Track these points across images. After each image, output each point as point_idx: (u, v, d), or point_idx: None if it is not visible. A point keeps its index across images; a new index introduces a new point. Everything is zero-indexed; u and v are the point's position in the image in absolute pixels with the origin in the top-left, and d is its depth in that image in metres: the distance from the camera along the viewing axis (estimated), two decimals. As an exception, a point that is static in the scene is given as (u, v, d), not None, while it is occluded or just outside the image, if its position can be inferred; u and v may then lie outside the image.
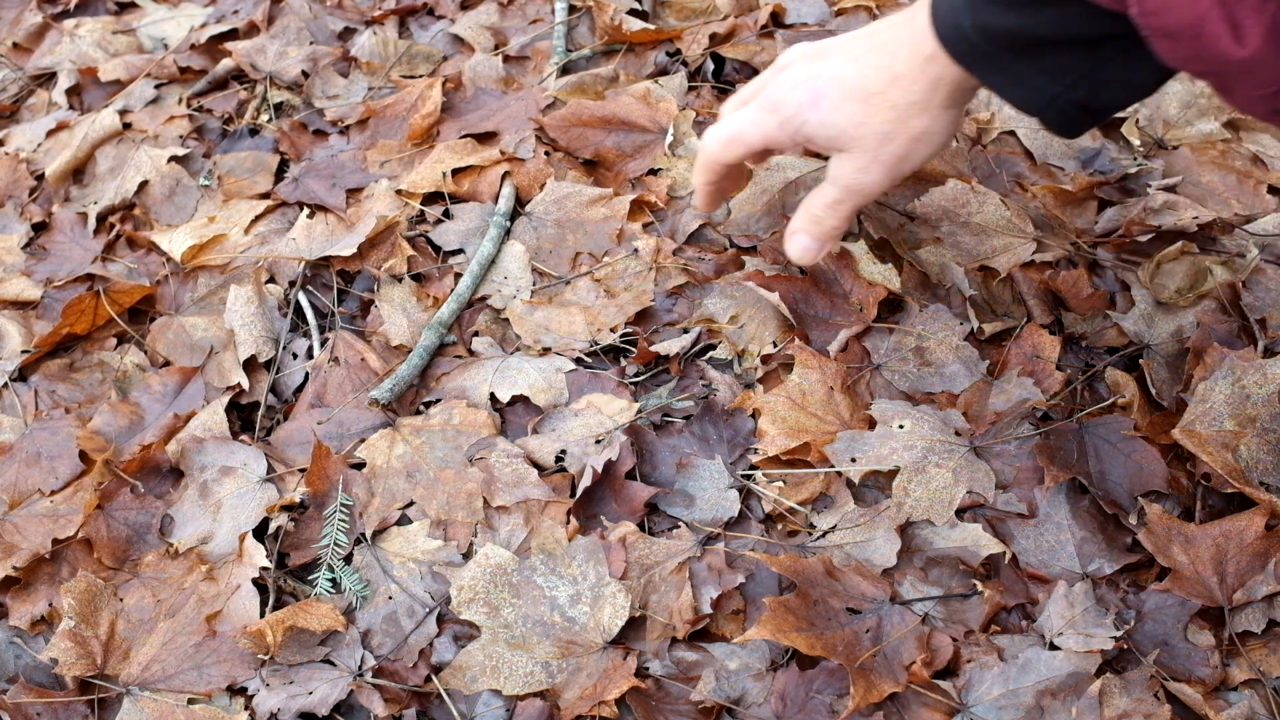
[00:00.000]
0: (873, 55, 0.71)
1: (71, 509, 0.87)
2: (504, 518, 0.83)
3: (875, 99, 0.70)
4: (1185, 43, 0.52)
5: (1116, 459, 0.82)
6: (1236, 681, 0.72)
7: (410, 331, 0.97)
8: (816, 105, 0.72)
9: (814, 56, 0.75)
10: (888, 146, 0.72)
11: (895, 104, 0.70)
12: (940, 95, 0.69)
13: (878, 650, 0.72)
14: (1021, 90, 0.66)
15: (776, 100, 0.75)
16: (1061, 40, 0.61)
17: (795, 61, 0.76)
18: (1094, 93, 0.64)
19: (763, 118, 0.76)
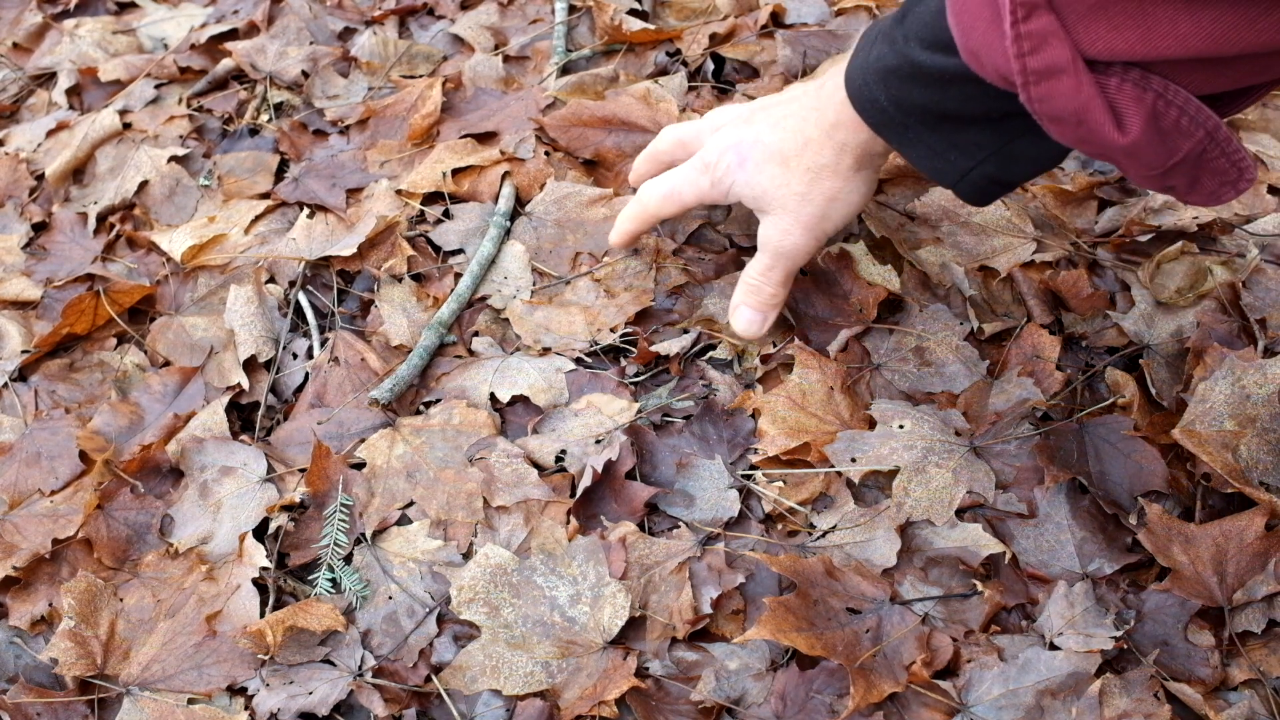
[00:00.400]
0: (789, 121, 0.77)
1: (71, 509, 0.87)
2: (504, 518, 0.83)
3: (792, 161, 0.76)
4: (1071, 128, 0.55)
5: (1116, 459, 0.82)
6: (1236, 681, 0.72)
7: (410, 331, 0.97)
8: (743, 166, 0.78)
9: (744, 120, 0.81)
10: (806, 207, 0.77)
11: (809, 167, 0.76)
12: (848, 159, 0.75)
13: (878, 650, 0.73)
14: (935, 162, 0.69)
15: (709, 161, 0.81)
16: (969, 116, 0.65)
17: (728, 124, 0.82)
18: (1004, 167, 0.68)
19: (697, 178, 0.82)
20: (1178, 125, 0.55)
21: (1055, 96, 0.54)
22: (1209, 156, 0.57)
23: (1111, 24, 0.51)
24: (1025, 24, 0.52)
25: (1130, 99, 0.53)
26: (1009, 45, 0.53)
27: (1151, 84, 0.53)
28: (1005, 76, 0.56)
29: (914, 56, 0.64)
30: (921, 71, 0.63)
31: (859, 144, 0.74)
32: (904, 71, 0.65)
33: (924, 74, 0.63)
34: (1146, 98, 0.53)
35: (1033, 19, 0.52)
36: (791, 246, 0.80)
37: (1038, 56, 0.53)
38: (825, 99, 0.74)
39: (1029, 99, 0.55)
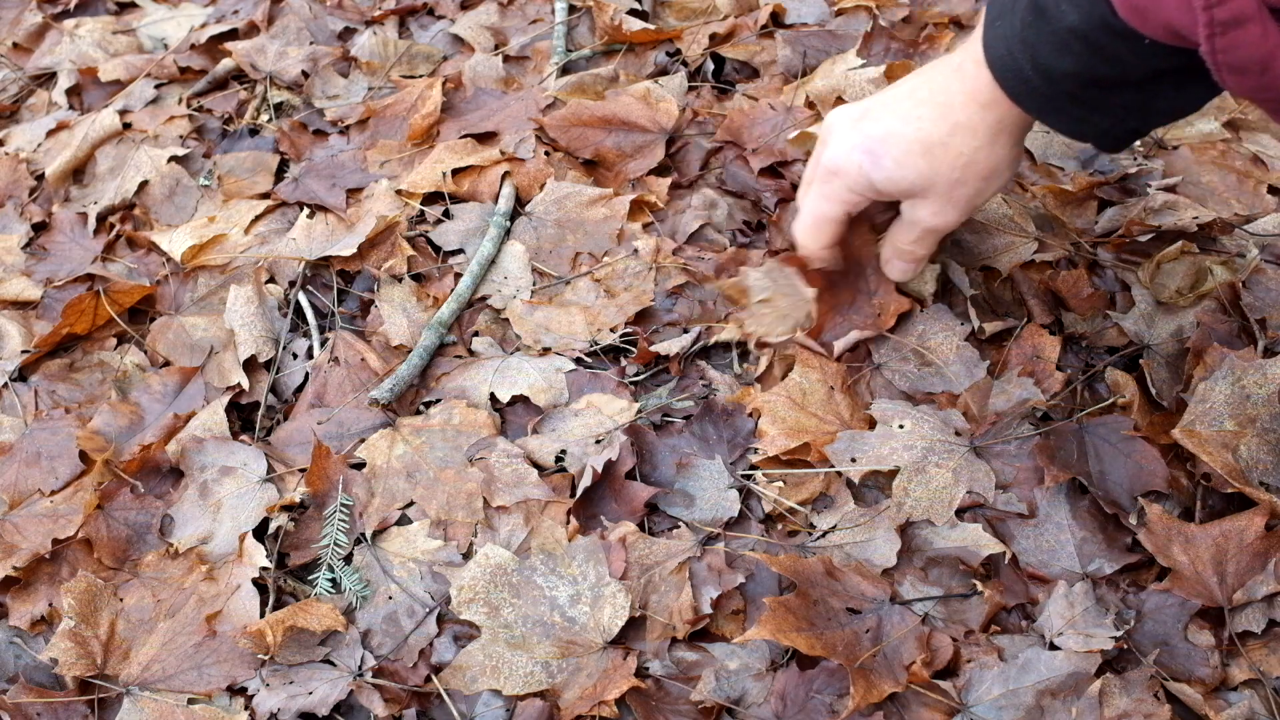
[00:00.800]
0: (925, 109, 0.73)
1: (71, 509, 0.87)
2: (504, 518, 0.83)
3: (938, 149, 0.72)
4: (1253, 76, 0.54)
5: (1116, 459, 0.82)
6: (1236, 681, 0.72)
7: (410, 331, 0.97)
8: (878, 165, 0.74)
9: (857, 119, 0.76)
10: (960, 190, 0.74)
11: (960, 151, 0.72)
12: (1004, 137, 0.72)
13: (878, 650, 0.72)
14: (1078, 126, 0.69)
15: (835, 169, 0.77)
16: (1119, 80, 0.64)
17: (837, 128, 0.78)
18: (1145, 120, 0.68)
19: (830, 189, 0.79)
20: None
21: (1241, 46, 0.53)
22: None
23: None
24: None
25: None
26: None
27: None
28: (1177, 30, 0.55)
29: (1065, 20, 0.61)
30: (1074, 36, 0.61)
31: (1015, 119, 0.71)
32: (1055, 39, 0.63)
33: (1076, 38, 0.61)
34: None
35: None
36: (944, 224, 0.78)
37: (1225, 6, 0.52)
38: (970, 78, 0.70)
39: (1212, 50, 0.54)
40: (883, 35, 1.16)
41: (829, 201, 0.80)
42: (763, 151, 1.06)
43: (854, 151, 0.76)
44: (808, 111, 1.09)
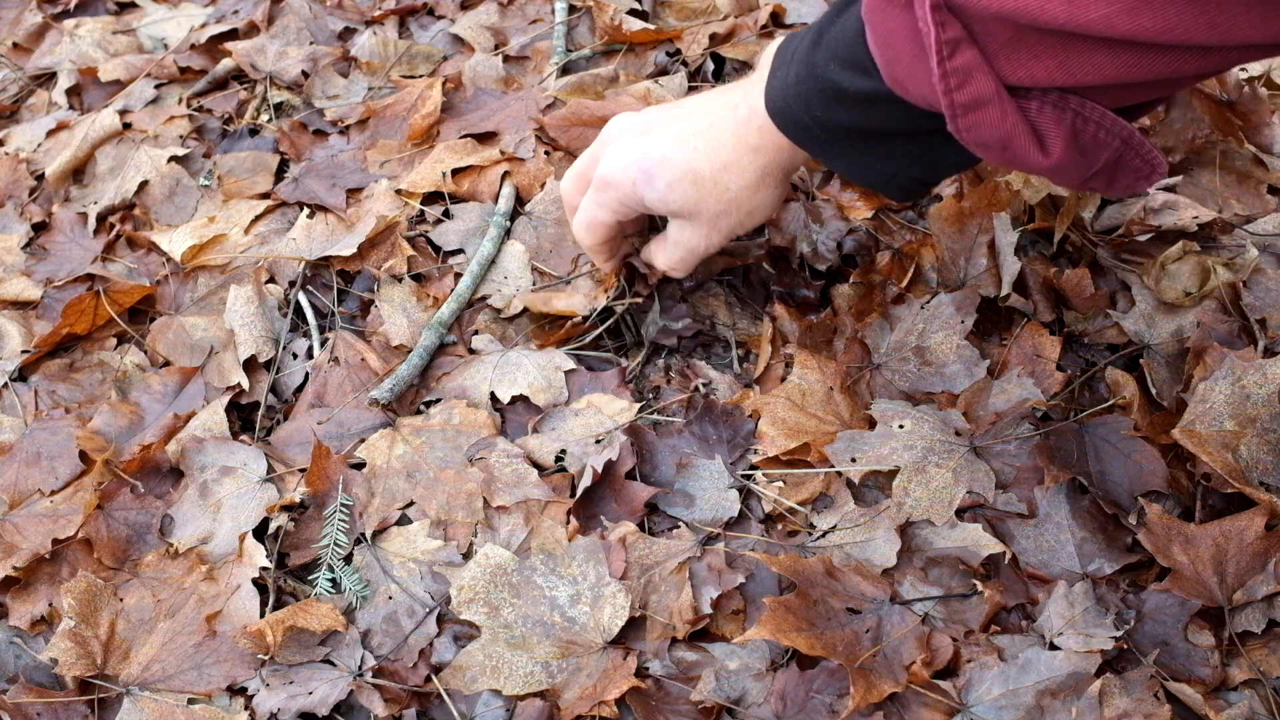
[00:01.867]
0: (699, 139, 0.75)
1: (71, 509, 0.87)
2: (504, 518, 0.83)
3: (707, 182, 0.75)
4: (998, 152, 0.58)
5: (1116, 459, 0.82)
6: (1236, 681, 0.72)
7: (410, 331, 0.97)
8: (651, 184, 0.77)
9: (639, 132, 0.78)
10: (723, 221, 0.78)
11: (727, 187, 0.75)
12: (771, 179, 0.76)
13: (878, 650, 0.72)
14: (863, 172, 0.71)
15: (609, 179, 0.79)
16: (895, 132, 0.66)
17: (619, 136, 0.80)
18: (928, 170, 0.71)
19: (603, 197, 0.81)
20: (1096, 139, 0.58)
21: (982, 126, 0.56)
22: (1125, 159, 0.60)
23: (1031, 54, 0.54)
24: (950, 61, 0.54)
25: (1051, 120, 0.56)
26: (936, 82, 0.55)
27: (1069, 104, 0.56)
28: (932, 105, 0.58)
29: (836, 80, 0.64)
30: (846, 94, 0.64)
31: (782, 163, 0.75)
32: (827, 94, 0.66)
33: (848, 96, 0.64)
34: (1065, 118, 0.56)
35: (957, 55, 0.54)
36: (704, 248, 0.81)
37: (964, 91, 0.55)
38: (743, 121, 0.73)
39: (957, 129, 0.57)
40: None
41: (602, 209, 0.82)
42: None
43: (630, 168, 0.77)
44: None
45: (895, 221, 1.01)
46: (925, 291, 0.94)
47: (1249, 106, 1.02)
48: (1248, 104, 1.03)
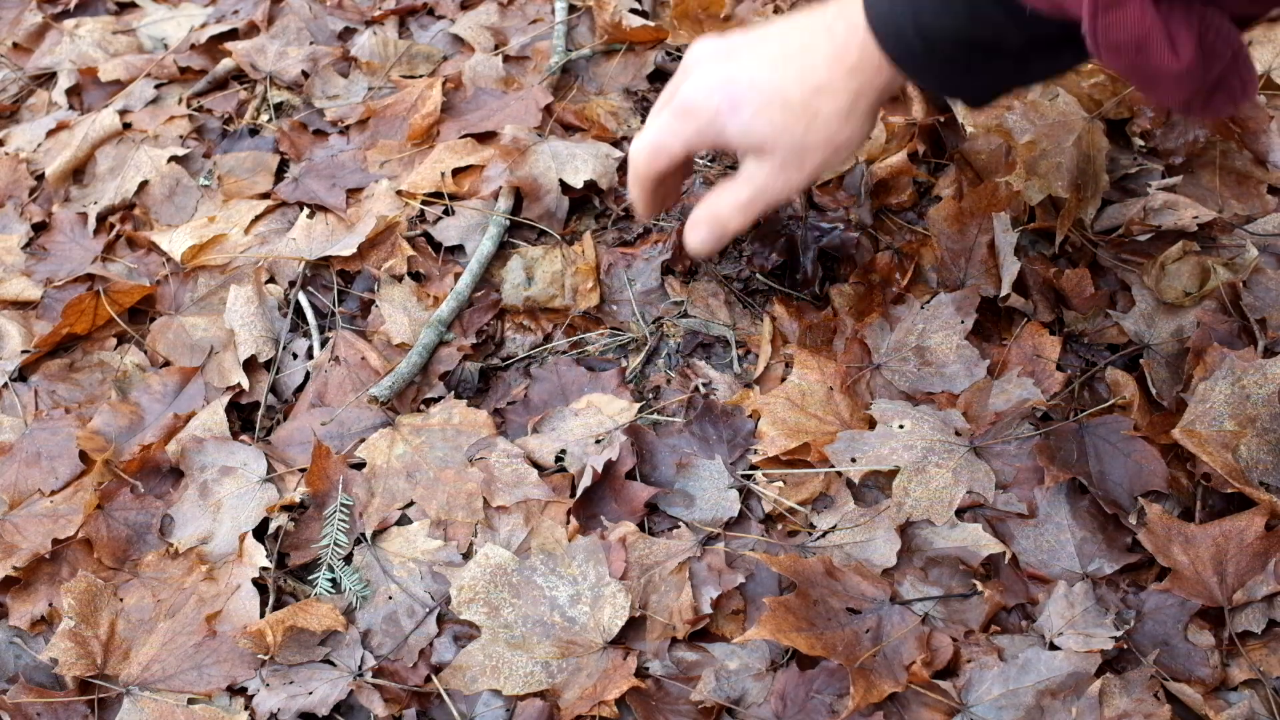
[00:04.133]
0: (790, 62, 0.70)
1: (71, 509, 0.87)
2: (504, 518, 0.83)
3: (797, 107, 0.70)
4: (1129, 55, 0.56)
5: (1116, 459, 0.82)
6: (1236, 681, 0.72)
7: (411, 330, 0.97)
8: (736, 111, 0.71)
9: (723, 57, 0.73)
10: (810, 156, 0.71)
11: (818, 113, 0.69)
12: (863, 104, 0.70)
13: (878, 650, 0.72)
14: (952, 88, 0.70)
15: (690, 106, 0.73)
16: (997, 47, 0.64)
17: (703, 61, 0.74)
18: (1016, 80, 0.69)
19: (680, 125, 0.74)
20: (1214, 48, 0.56)
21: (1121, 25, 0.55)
22: (1228, 75, 0.58)
23: None
24: None
25: (1181, 23, 0.55)
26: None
27: (1194, 7, 0.55)
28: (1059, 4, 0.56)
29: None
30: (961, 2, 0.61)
31: (878, 87, 0.69)
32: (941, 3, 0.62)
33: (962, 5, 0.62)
34: (1193, 20, 0.55)
35: None
36: (783, 189, 0.74)
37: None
38: (840, 38, 0.68)
39: (1093, 28, 0.55)
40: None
41: (674, 137, 0.75)
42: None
43: (714, 92, 0.71)
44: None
45: (895, 222, 1.01)
46: (925, 291, 0.94)
47: (1247, 112, 1.02)
48: (1246, 109, 1.03)
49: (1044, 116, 0.98)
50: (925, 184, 1.04)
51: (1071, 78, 1.02)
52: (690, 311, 0.97)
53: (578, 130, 1.12)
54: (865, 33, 0.66)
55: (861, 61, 0.67)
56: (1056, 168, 0.96)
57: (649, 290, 0.99)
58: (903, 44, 0.65)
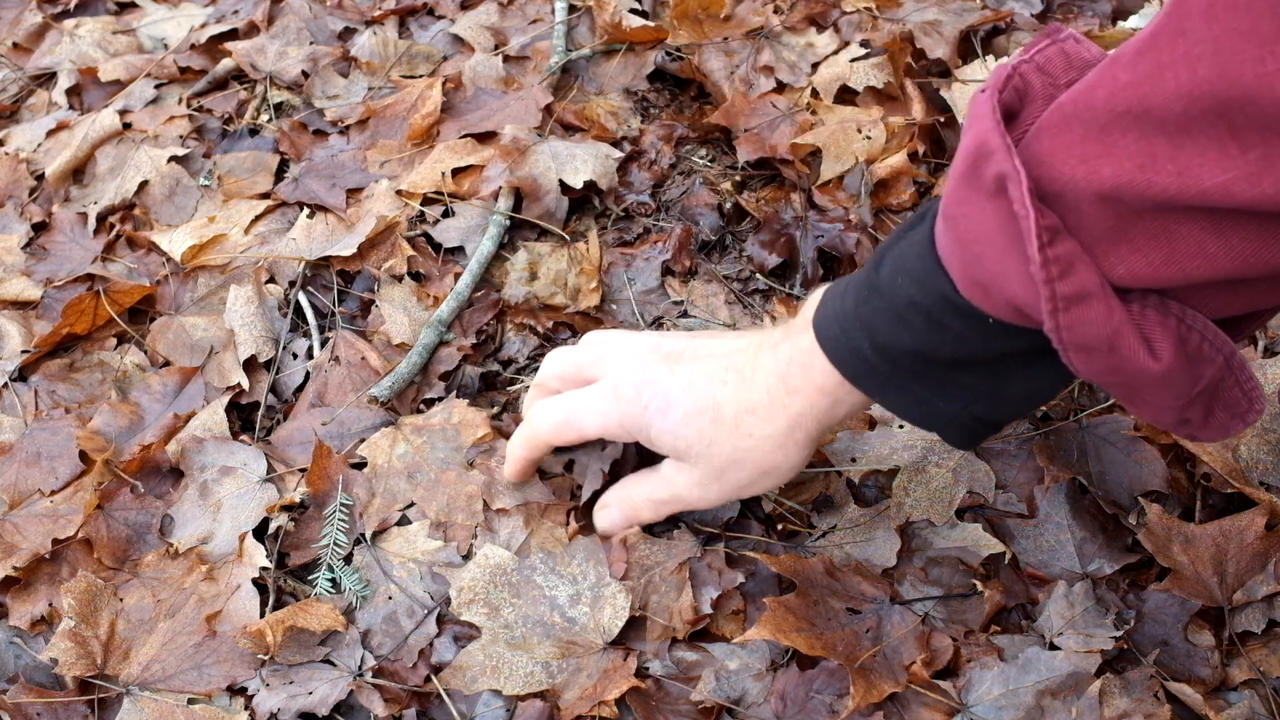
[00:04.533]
0: (730, 374, 0.67)
1: (71, 509, 0.87)
2: (504, 520, 0.83)
3: (728, 422, 0.67)
4: (1101, 356, 0.51)
5: (1116, 459, 0.82)
6: (1236, 681, 0.72)
7: (412, 330, 0.97)
8: (666, 414, 0.68)
9: (663, 358, 0.70)
10: (734, 473, 0.69)
11: (750, 434, 0.66)
12: (801, 433, 0.66)
13: (877, 650, 0.72)
14: (918, 410, 0.63)
15: (623, 394, 0.70)
16: (962, 359, 0.59)
17: (641, 356, 0.71)
18: (991, 407, 0.62)
19: (604, 406, 0.71)
20: (1200, 351, 0.52)
21: (1086, 323, 0.50)
22: (1225, 386, 0.54)
23: (1133, 247, 0.48)
24: (1051, 248, 0.48)
25: (1155, 325, 0.51)
26: (1036, 270, 0.48)
27: (1171, 309, 0.51)
28: (1020, 308, 0.52)
29: (902, 294, 0.57)
30: (913, 310, 0.57)
31: (819, 414, 0.65)
32: (892, 313, 0.58)
33: (916, 312, 0.57)
34: (1170, 322, 0.51)
35: (1057, 244, 0.48)
36: (700, 500, 0.72)
37: (1067, 281, 0.49)
38: (783, 359, 0.65)
39: (1056, 327, 0.50)
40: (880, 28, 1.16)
41: (596, 418, 0.72)
42: (750, 140, 1.06)
43: (646, 388, 0.68)
44: (810, 115, 1.09)
45: (895, 222, 1.01)
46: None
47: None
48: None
49: (1044, 116, 0.98)
50: (925, 184, 1.04)
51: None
52: (690, 311, 0.97)
53: (578, 130, 1.12)
54: (814, 355, 0.63)
55: (805, 383, 0.64)
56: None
57: (649, 290, 0.99)
58: (861, 363, 0.61)
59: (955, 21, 1.14)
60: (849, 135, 1.05)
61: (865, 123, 1.06)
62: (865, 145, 1.04)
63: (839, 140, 1.05)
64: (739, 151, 1.07)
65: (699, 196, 1.05)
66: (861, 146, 1.04)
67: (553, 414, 0.74)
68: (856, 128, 1.06)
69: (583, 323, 0.98)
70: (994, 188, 0.50)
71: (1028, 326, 0.53)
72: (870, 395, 0.63)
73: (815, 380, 0.64)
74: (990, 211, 0.51)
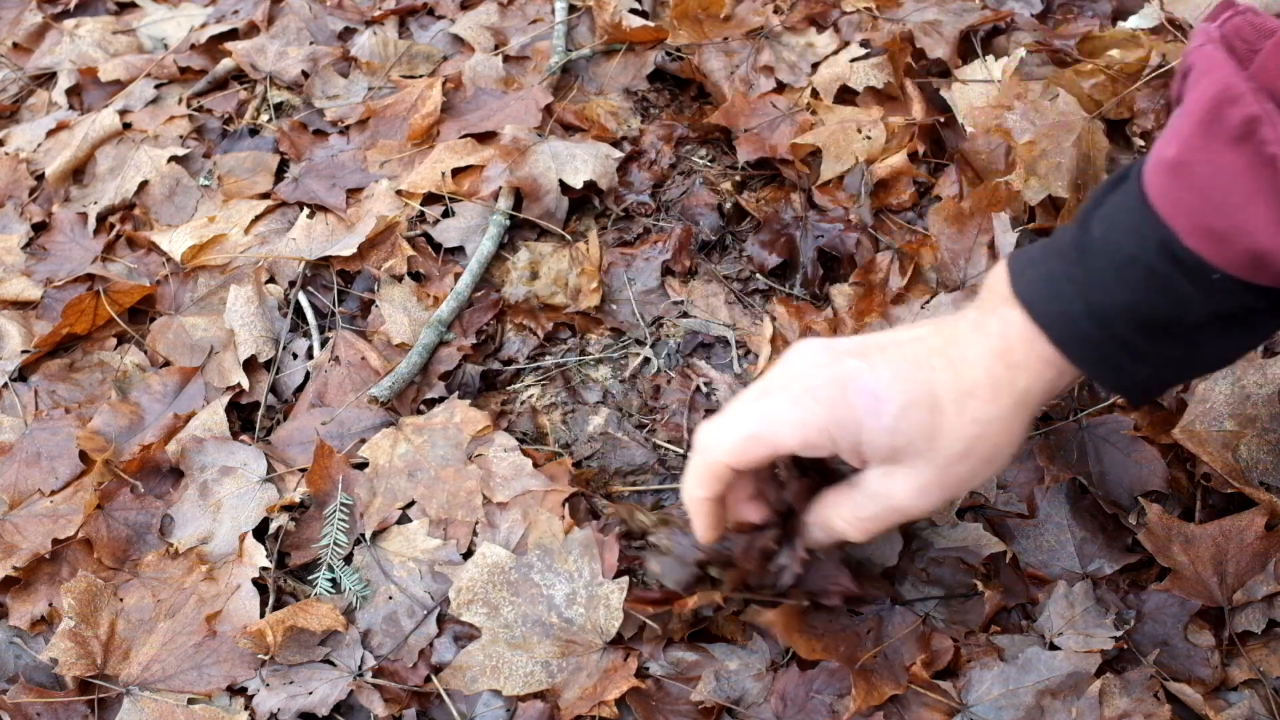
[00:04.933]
0: (937, 359, 0.60)
1: (71, 509, 0.87)
2: (503, 514, 0.83)
3: (948, 410, 0.59)
4: None
5: (1116, 459, 0.82)
6: (1236, 681, 0.72)
7: (412, 330, 0.97)
8: (878, 410, 0.59)
9: (854, 353, 0.62)
10: (958, 467, 0.61)
11: (975, 418, 0.59)
12: (1025, 412, 0.61)
13: (878, 651, 0.72)
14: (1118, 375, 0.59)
15: (826, 395, 0.61)
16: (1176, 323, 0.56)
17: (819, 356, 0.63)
18: (1180, 372, 0.61)
19: (802, 415, 0.61)
20: None
21: None
22: None
23: None
24: None
25: None
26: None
27: None
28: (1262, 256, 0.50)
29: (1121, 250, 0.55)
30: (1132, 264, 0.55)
31: (1044, 387, 0.60)
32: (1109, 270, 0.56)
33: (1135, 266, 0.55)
34: None
35: None
36: (916, 507, 0.63)
37: None
38: (995, 334, 0.59)
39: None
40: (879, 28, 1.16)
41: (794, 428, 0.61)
42: (750, 140, 1.06)
43: (849, 384, 0.60)
44: (810, 115, 1.09)
45: (895, 222, 1.01)
46: (925, 291, 0.94)
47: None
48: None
49: (1044, 116, 0.98)
50: (925, 184, 1.04)
51: (1071, 77, 1.02)
52: (690, 311, 0.97)
53: (578, 130, 1.12)
54: (1024, 325, 0.59)
55: (1026, 358, 0.59)
56: (1056, 168, 0.96)
57: (649, 290, 0.99)
58: (1070, 327, 0.57)
59: (955, 21, 1.14)
60: (849, 135, 1.05)
61: (865, 123, 1.06)
62: (865, 145, 1.04)
63: (839, 140, 1.05)
64: (739, 151, 1.07)
65: (699, 196, 1.05)
66: (861, 146, 1.04)
67: (732, 430, 0.63)
68: (856, 128, 1.06)
69: (583, 322, 0.98)
70: (1240, 133, 0.49)
71: (1255, 283, 0.52)
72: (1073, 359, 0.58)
73: (1036, 352, 0.59)
74: (1233, 157, 0.50)
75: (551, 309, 0.99)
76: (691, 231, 1.02)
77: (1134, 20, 1.13)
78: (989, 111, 1.01)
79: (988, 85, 1.06)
